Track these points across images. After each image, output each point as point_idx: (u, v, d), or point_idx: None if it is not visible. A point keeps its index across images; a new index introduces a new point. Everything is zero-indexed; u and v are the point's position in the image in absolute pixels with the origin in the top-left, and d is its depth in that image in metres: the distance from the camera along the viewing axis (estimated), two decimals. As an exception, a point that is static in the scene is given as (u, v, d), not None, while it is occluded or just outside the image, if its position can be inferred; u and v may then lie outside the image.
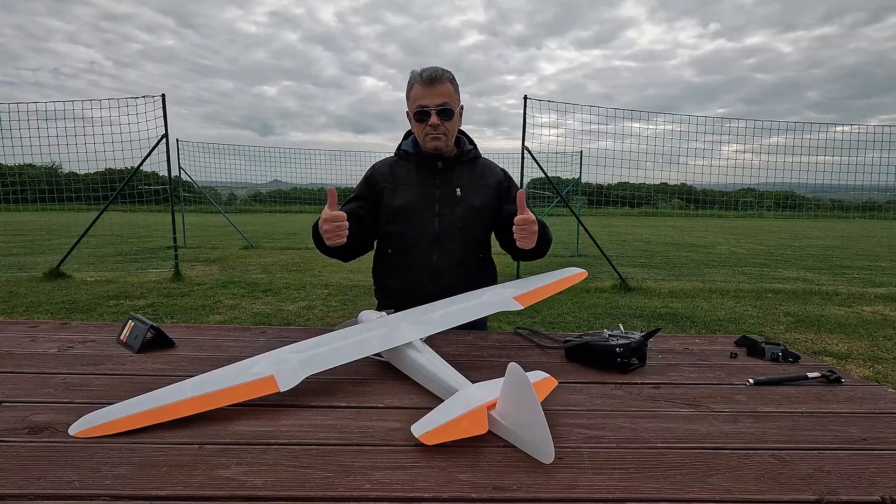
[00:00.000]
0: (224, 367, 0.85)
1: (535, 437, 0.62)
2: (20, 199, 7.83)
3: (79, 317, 4.26)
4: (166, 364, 0.99)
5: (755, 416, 0.79)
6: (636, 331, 1.06)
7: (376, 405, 0.80)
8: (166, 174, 6.41)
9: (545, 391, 0.79)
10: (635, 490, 0.57)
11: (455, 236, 1.43)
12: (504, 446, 0.66)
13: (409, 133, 1.52)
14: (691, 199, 9.51)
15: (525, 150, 5.91)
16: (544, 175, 6.40)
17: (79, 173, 8.29)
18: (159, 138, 6.15)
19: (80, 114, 6.46)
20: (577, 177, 9.66)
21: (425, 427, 0.67)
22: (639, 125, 8.88)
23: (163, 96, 6.13)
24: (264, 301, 5.03)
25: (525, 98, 5.88)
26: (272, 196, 17.32)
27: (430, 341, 1.04)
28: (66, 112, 6.43)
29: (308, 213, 15.80)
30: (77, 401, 0.79)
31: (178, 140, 10.29)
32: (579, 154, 8.99)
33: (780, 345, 1.13)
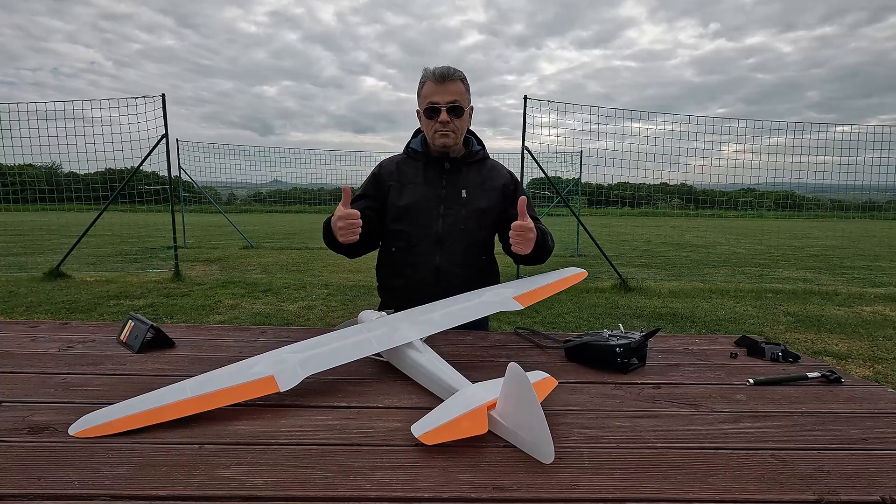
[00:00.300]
0: (224, 367, 0.85)
1: (535, 437, 0.62)
2: (20, 199, 7.82)
3: (79, 317, 4.26)
4: (166, 364, 0.99)
5: (755, 416, 0.79)
6: (636, 331, 1.06)
7: (376, 405, 0.80)
8: (166, 174, 6.41)
9: (545, 391, 0.79)
10: (635, 490, 0.57)
11: (458, 237, 1.43)
12: (504, 446, 0.66)
13: (419, 131, 1.52)
14: (691, 199, 9.50)
15: (525, 150, 5.91)
16: (544, 175, 6.40)
17: (79, 173, 8.28)
18: (159, 138, 6.14)
19: (79, 114, 6.47)
20: (577, 177, 9.67)
21: (425, 427, 0.67)
22: (639, 125, 8.88)
23: (163, 96, 6.12)
24: (264, 301, 5.03)
25: (525, 98, 5.87)
26: (272, 196, 17.31)
27: (430, 341, 1.04)
28: (66, 112, 6.43)
29: (308, 213, 15.78)
30: (77, 401, 0.79)
31: (178, 140, 10.30)
32: (579, 154, 9.01)
33: (780, 345, 1.13)
